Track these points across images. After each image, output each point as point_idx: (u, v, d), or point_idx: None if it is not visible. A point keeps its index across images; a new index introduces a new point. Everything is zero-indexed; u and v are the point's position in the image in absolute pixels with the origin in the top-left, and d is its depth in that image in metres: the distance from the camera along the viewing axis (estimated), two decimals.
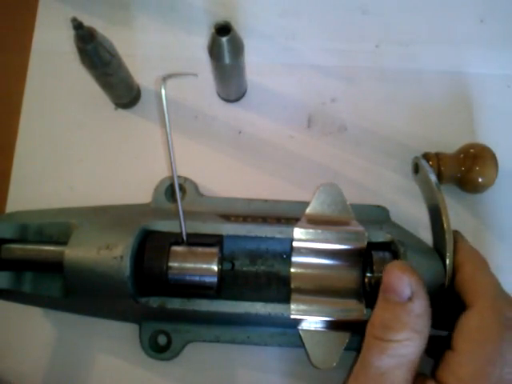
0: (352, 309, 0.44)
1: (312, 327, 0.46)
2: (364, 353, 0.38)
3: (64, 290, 0.47)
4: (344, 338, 0.45)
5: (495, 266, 0.53)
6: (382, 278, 0.39)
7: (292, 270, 0.47)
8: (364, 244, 0.45)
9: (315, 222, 0.48)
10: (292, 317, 0.44)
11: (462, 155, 0.51)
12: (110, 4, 0.60)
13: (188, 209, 0.51)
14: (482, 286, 0.40)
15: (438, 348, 0.40)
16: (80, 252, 0.44)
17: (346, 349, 0.45)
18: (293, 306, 0.44)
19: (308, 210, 0.49)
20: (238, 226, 0.47)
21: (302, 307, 0.44)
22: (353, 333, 0.45)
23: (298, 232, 0.46)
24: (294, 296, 0.45)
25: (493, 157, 0.50)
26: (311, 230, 0.46)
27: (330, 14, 0.60)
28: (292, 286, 0.46)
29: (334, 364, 0.45)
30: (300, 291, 0.46)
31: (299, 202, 0.52)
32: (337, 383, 0.50)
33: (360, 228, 0.46)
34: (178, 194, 0.44)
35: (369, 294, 0.45)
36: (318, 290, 0.46)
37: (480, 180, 0.50)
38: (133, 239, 0.44)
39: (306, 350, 0.45)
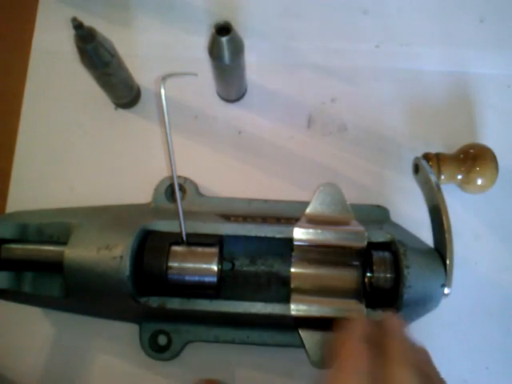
0: (352, 309, 0.44)
1: (312, 327, 0.46)
2: None
3: (64, 290, 0.47)
4: None
5: (496, 266, 0.53)
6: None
7: (292, 269, 0.47)
8: (364, 244, 0.45)
9: (315, 221, 0.48)
10: (292, 316, 0.44)
11: (462, 155, 0.51)
12: (110, 4, 0.60)
13: (188, 209, 0.51)
14: None
15: None
16: (80, 252, 0.44)
17: None
18: (293, 306, 0.44)
19: (308, 210, 0.49)
20: (238, 226, 0.47)
21: (301, 307, 0.44)
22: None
23: (298, 232, 0.46)
24: (293, 296, 0.45)
25: (493, 157, 0.50)
26: (311, 230, 0.46)
27: (329, 13, 0.60)
28: (292, 285, 0.46)
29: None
30: (300, 291, 0.46)
31: (299, 201, 0.52)
32: None
33: (360, 228, 0.46)
34: (178, 194, 0.44)
35: (369, 293, 0.45)
36: (318, 289, 0.46)
37: (480, 180, 0.50)
38: (133, 239, 0.44)
39: (305, 349, 0.45)
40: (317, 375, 0.50)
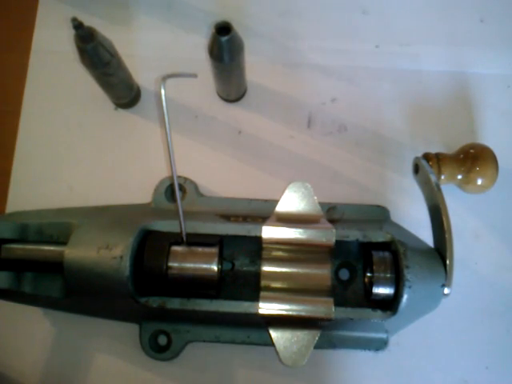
0: (321, 306, 0.44)
1: (281, 325, 0.46)
2: None
3: (64, 290, 0.47)
4: (314, 336, 0.45)
5: (496, 266, 0.53)
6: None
7: (261, 268, 0.47)
8: (332, 241, 0.45)
9: (284, 220, 0.48)
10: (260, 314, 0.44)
11: (462, 155, 0.51)
12: (110, 4, 0.60)
13: (188, 209, 0.51)
14: None
15: None
16: (80, 252, 0.44)
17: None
18: (261, 304, 0.44)
19: (277, 208, 0.49)
20: (238, 226, 0.47)
21: (270, 305, 0.44)
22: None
23: (267, 230, 0.46)
24: (262, 294, 0.45)
25: (493, 157, 0.50)
26: (280, 228, 0.46)
27: (329, 14, 0.60)
28: (261, 284, 0.46)
29: (304, 362, 0.45)
30: (269, 289, 0.46)
31: None
32: (337, 383, 0.50)
33: (328, 225, 0.46)
34: (178, 194, 0.44)
35: (369, 293, 0.45)
36: (288, 288, 0.46)
37: (480, 180, 0.50)
38: (132, 239, 0.44)
39: (275, 349, 0.46)
40: (317, 375, 0.50)
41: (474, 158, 0.50)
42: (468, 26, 0.59)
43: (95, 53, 0.46)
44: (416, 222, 0.52)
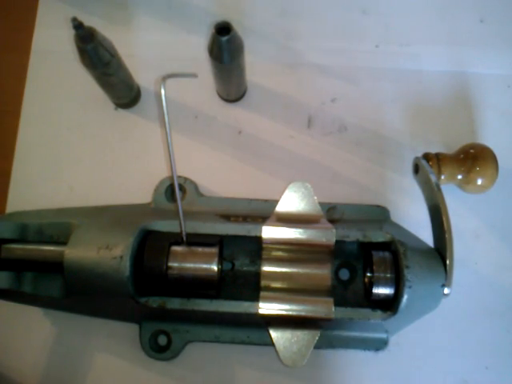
0: (321, 306, 0.44)
1: (281, 325, 0.46)
2: None
3: (64, 290, 0.47)
4: (314, 336, 0.46)
5: (496, 266, 0.53)
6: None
7: (262, 268, 0.47)
8: (332, 241, 0.45)
9: (284, 220, 0.48)
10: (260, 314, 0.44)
11: (462, 155, 0.51)
12: (111, 4, 0.60)
13: (188, 209, 0.51)
14: None
15: None
16: (80, 252, 0.44)
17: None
18: (261, 304, 0.44)
19: (277, 208, 0.49)
20: (238, 226, 0.47)
21: (270, 305, 0.44)
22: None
23: (267, 230, 0.46)
24: (262, 294, 0.45)
25: (493, 157, 0.50)
26: (280, 228, 0.46)
27: (330, 13, 0.60)
28: (261, 284, 0.46)
29: (304, 362, 0.45)
30: (269, 289, 0.46)
31: None
32: (337, 383, 0.50)
33: (328, 225, 0.46)
34: (178, 194, 0.44)
35: (369, 293, 0.45)
36: (288, 288, 0.46)
37: (480, 180, 0.50)
38: (132, 239, 0.44)
39: (275, 349, 0.46)
40: (317, 376, 0.50)
41: (474, 158, 0.50)
42: (468, 25, 0.59)
43: (95, 53, 0.46)
44: (416, 222, 0.52)
